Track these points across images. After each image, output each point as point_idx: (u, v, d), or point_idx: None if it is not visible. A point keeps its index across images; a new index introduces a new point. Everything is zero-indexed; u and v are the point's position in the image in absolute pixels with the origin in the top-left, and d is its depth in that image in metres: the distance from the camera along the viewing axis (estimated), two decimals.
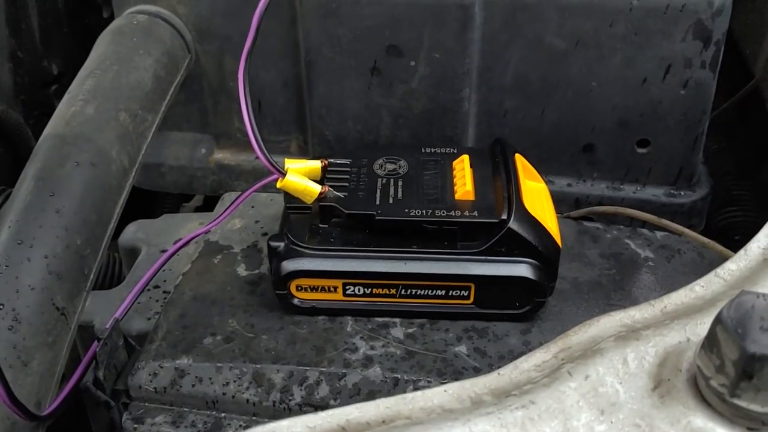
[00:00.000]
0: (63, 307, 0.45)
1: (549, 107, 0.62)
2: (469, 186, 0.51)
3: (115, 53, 0.58)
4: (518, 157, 0.55)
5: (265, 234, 0.59)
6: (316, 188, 0.50)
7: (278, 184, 0.51)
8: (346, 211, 0.49)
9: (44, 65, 0.85)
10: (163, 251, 0.60)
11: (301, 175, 0.51)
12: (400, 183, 0.52)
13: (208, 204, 0.80)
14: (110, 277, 0.67)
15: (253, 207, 0.62)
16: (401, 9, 0.59)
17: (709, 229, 0.73)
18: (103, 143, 0.52)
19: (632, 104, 0.61)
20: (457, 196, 0.50)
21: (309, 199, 0.50)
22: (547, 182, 0.64)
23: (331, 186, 0.51)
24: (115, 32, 0.60)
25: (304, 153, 0.68)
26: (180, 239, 0.58)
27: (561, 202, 0.65)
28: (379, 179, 0.53)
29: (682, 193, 0.65)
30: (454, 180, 0.52)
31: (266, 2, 0.58)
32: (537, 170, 0.57)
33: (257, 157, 0.50)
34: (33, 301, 0.43)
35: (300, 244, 0.50)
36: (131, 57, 0.58)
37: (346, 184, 0.52)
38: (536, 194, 0.53)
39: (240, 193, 0.56)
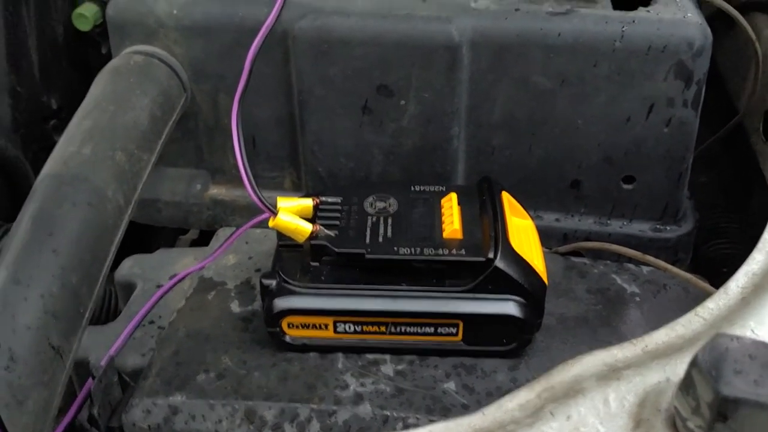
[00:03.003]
0: (58, 346, 0.46)
1: (536, 144, 0.64)
2: (456, 224, 0.52)
3: (112, 93, 0.60)
4: (505, 195, 0.56)
5: (258, 270, 0.60)
6: (307, 228, 0.52)
7: (270, 224, 0.52)
8: (336, 250, 0.51)
9: (43, 100, 0.86)
10: (159, 286, 0.62)
11: (292, 215, 0.52)
12: (389, 221, 0.54)
13: (204, 236, 0.81)
14: (106, 311, 0.68)
15: (246, 243, 0.63)
16: (391, 50, 0.60)
17: (698, 260, 0.75)
18: (100, 183, 0.53)
19: (617, 142, 0.62)
20: (445, 235, 0.52)
21: (300, 238, 0.51)
22: (536, 217, 0.66)
23: (322, 224, 0.53)
24: (113, 72, 0.62)
25: (298, 188, 0.70)
26: (175, 275, 0.59)
27: (549, 237, 0.66)
28: (369, 217, 0.54)
29: (668, 228, 0.66)
30: (443, 218, 0.54)
31: (259, 44, 0.60)
32: (525, 205, 0.59)
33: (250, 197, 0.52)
34: (29, 340, 0.44)
35: (291, 282, 0.51)
36: (128, 97, 0.60)
37: (337, 222, 0.53)
38: (523, 231, 0.54)
39: (234, 229, 0.58)
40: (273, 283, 0.51)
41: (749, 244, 0.78)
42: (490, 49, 0.60)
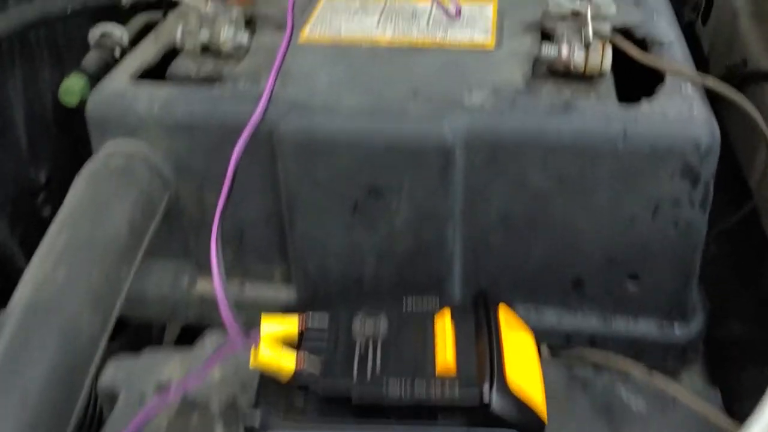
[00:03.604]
0: None
1: (535, 243, 0.61)
2: (449, 355, 0.49)
3: (89, 203, 0.57)
4: (502, 311, 0.53)
5: (244, 386, 0.57)
6: (290, 367, 0.49)
7: (251, 364, 0.49)
8: (320, 393, 0.48)
9: (31, 174, 0.84)
10: (143, 395, 0.59)
11: (274, 348, 0.49)
12: (378, 349, 0.50)
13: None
14: (89, 424, 0.65)
15: None
16: (380, 152, 0.57)
17: (709, 341, 0.71)
18: (74, 311, 0.50)
19: (621, 242, 0.59)
20: (438, 368, 0.48)
21: (283, 379, 0.49)
22: (536, 315, 0.63)
23: (307, 350, 0.50)
24: (90, 177, 0.59)
25: (288, 281, 0.67)
26: (159, 385, 0.57)
27: (551, 336, 0.63)
28: (358, 344, 0.51)
29: (676, 325, 0.63)
30: (435, 344, 0.50)
31: (242, 147, 0.57)
32: (525, 302, 0.57)
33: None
34: None
35: (275, 419, 0.48)
36: (106, 206, 0.57)
37: (323, 352, 0.50)
38: (521, 351, 0.51)
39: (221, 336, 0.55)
40: (256, 421, 0.48)
41: (762, 324, 0.75)
42: (485, 149, 0.57)
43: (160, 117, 0.60)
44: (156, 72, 0.67)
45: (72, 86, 0.80)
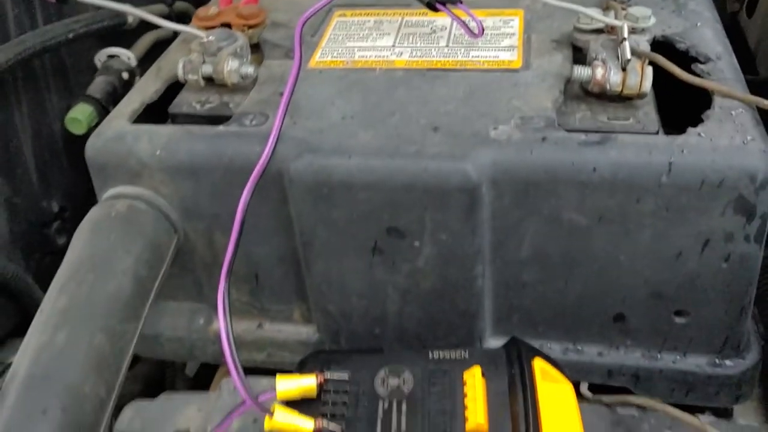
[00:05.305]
0: None
1: (572, 280, 0.56)
2: (481, 417, 0.45)
3: (91, 258, 0.54)
4: (537, 363, 0.49)
5: None
6: (308, 428, 0.45)
7: (266, 426, 0.46)
8: None
9: (43, 205, 0.81)
10: None
11: (290, 412, 0.46)
12: (403, 408, 0.47)
13: None
14: None
15: None
16: (399, 193, 0.53)
17: (765, 376, 0.66)
18: (76, 379, 0.47)
19: (666, 277, 0.54)
20: (468, 430, 0.45)
21: None
22: (575, 352, 0.59)
23: (327, 412, 0.46)
24: (92, 228, 0.56)
25: (308, 321, 0.63)
26: None
27: (592, 373, 0.59)
28: (381, 402, 0.47)
29: (729, 362, 0.58)
30: (465, 402, 0.46)
31: (251, 190, 0.53)
32: (563, 339, 0.54)
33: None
34: None
35: None
36: (109, 260, 0.54)
37: (344, 411, 0.47)
38: (559, 407, 0.47)
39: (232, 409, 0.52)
40: None
41: None
42: (514, 186, 0.52)
43: (162, 160, 0.56)
44: (160, 105, 0.63)
45: (78, 115, 0.77)
